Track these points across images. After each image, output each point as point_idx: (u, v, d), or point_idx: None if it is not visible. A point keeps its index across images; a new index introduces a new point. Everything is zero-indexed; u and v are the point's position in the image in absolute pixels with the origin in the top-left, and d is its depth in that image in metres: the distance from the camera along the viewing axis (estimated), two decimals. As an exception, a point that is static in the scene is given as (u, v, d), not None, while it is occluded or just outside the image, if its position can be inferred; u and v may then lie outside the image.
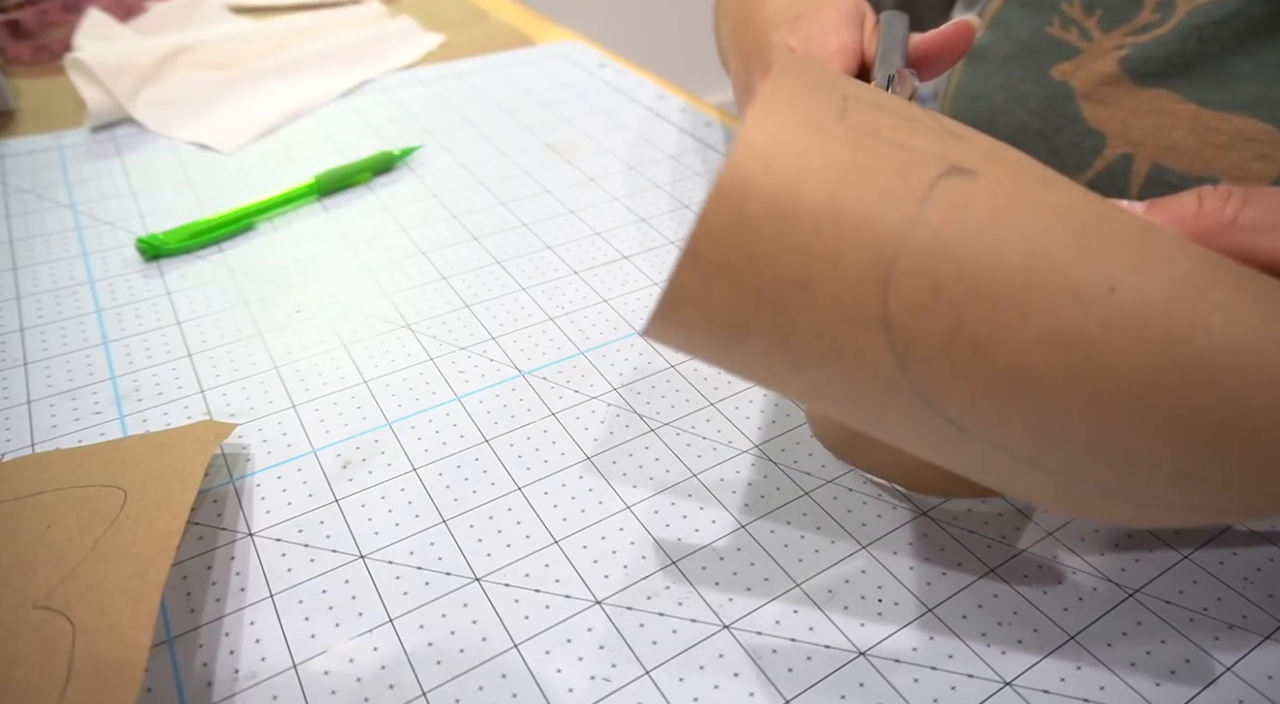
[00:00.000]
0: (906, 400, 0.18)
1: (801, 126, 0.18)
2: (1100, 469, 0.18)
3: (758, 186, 0.17)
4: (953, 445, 0.19)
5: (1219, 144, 0.39)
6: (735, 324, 0.18)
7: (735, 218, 0.17)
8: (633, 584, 0.26)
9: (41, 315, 0.38)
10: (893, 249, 0.17)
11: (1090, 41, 0.44)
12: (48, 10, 0.68)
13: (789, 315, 0.18)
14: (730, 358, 0.19)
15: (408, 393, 0.34)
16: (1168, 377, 0.17)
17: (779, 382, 0.19)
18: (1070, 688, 0.23)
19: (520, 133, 0.54)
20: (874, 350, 0.18)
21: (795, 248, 0.17)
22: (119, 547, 0.24)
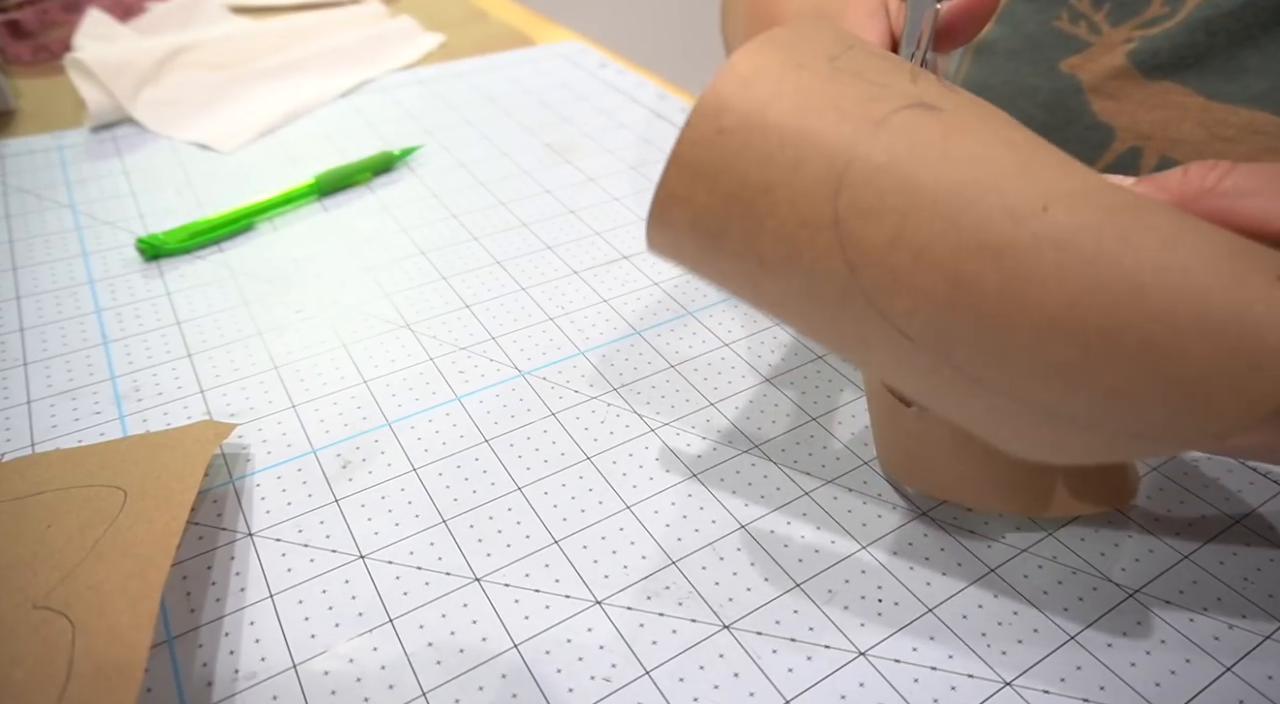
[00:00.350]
0: (860, 307, 0.20)
1: (785, 62, 0.21)
2: (1039, 387, 0.19)
3: (734, 103, 0.20)
4: (906, 359, 0.21)
5: (1228, 137, 0.39)
6: (713, 224, 0.21)
7: (713, 128, 0.20)
8: (633, 584, 0.26)
9: (41, 315, 0.38)
10: (845, 161, 0.19)
11: (1099, 35, 0.44)
12: (48, 10, 0.68)
13: (756, 217, 0.20)
14: (712, 261, 0.21)
15: (408, 393, 0.34)
16: (1094, 290, 0.18)
17: (754, 288, 0.22)
18: (1070, 688, 0.23)
19: (520, 133, 0.54)
20: (828, 252, 0.20)
21: (762, 157, 0.20)
22: (119, 547, 0.24)
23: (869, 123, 0.20)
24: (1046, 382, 0.19)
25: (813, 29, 0.23)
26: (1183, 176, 0.22)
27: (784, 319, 0.22)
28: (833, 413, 0.33)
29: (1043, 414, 0.20)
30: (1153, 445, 0.19)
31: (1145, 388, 0.18)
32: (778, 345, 0.36)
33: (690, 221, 0.21)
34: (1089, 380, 0.19)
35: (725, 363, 0.35)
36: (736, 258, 0.21)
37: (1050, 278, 0.18)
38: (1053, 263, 0.18)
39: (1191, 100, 0.40)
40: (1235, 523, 0.28)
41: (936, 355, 0.20)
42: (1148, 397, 0.18)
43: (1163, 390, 0.18)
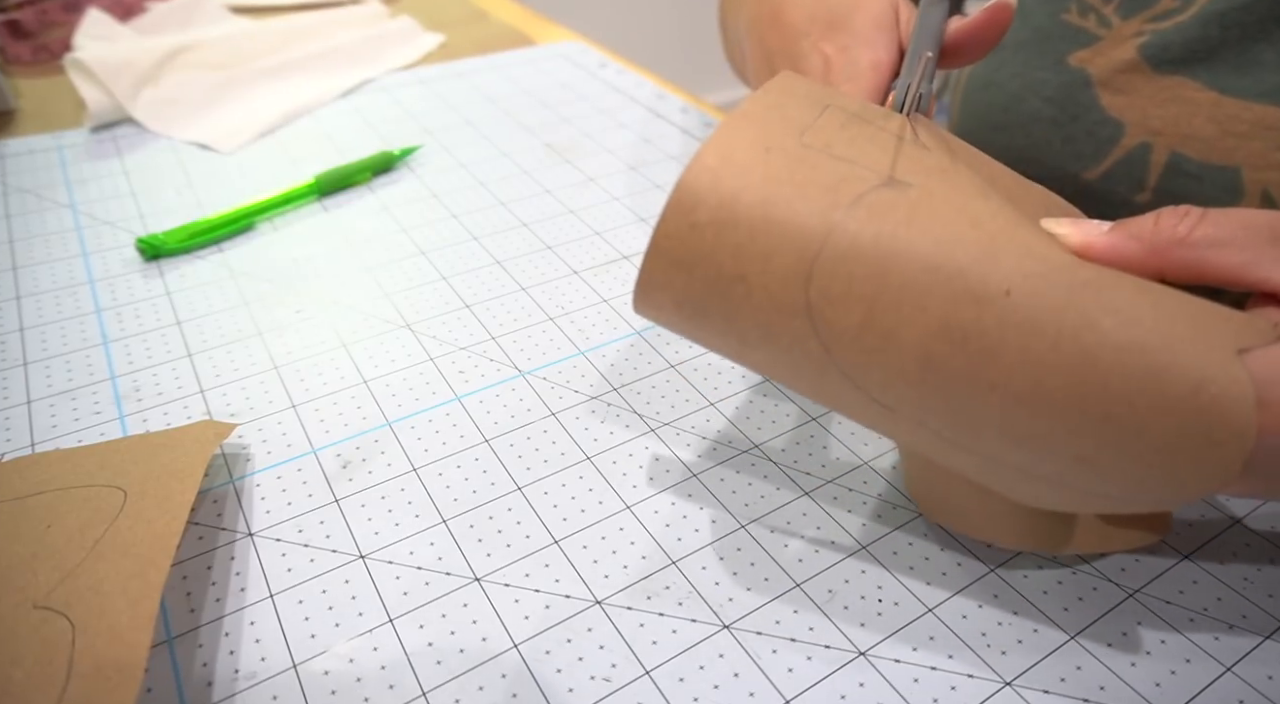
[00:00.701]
0: (836, 380, 0.21)
1: (753, 145, 0.21)
2: (1012, 451, 0.20)
3: (704, 197, 0.21)
4: (888, 422, 0.22)
5: (1239, 132, 0.39)
6: (695, 307, 0.22)
7: (686, 223, 0.21)
8: (633, 584, 0.26)
9: (41, 315, 0.38)
10: (814, 250, 0.20)
11: (1109, 28, 0.43)
12: (48, 10, 0.68)
13: (734, 303, 0.21)
14: (698, 335, 0.23)
15: (408, 393, 0.34)
16: (1056, 370, 0.19)
17: (739, 357, 0.23)
18: (1070, 688, 0.23)
19: (520, 133, 0.54)
20: (802, 336, 0.21)
21: (734, 249, 0.21)
22: (119, 547, 0.24)
23: (836, 210, 0.20)
24: (1018, 448, 0.20)
25: (786, 92, 0.24)
26: (1154, 225, 0.22)
27: (772, 379, 0.24)
28: (833, 413, 0.33)
29: (1019, 473, 0.21)
30: (1127, 505, 0.20)
31: (1110, 459, 0.19)
32: (778, 345, 0.36)
33: (674, 303, 0.22)
34: (1057, 450, 0.20)
35: (725, 363, 0.35)
36: (719, 335, 0.22)
37: (1015, 360, 0.19)
38: (1016, 345, 0.19)
39: (1203, 95, 0.40)
40: (1235, 523, 0.28)
41: (914, 422, 0.21)
42: (1113, 466, 0.19)
43: (1126, 462, 0.19)
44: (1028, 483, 0.21)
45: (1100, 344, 0.19)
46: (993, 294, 0.19)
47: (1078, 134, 0.45)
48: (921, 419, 0.21)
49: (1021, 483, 0.21)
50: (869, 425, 0.23)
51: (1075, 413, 0.19)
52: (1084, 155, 0.45)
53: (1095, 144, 0.45)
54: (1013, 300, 0.19)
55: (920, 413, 0.21)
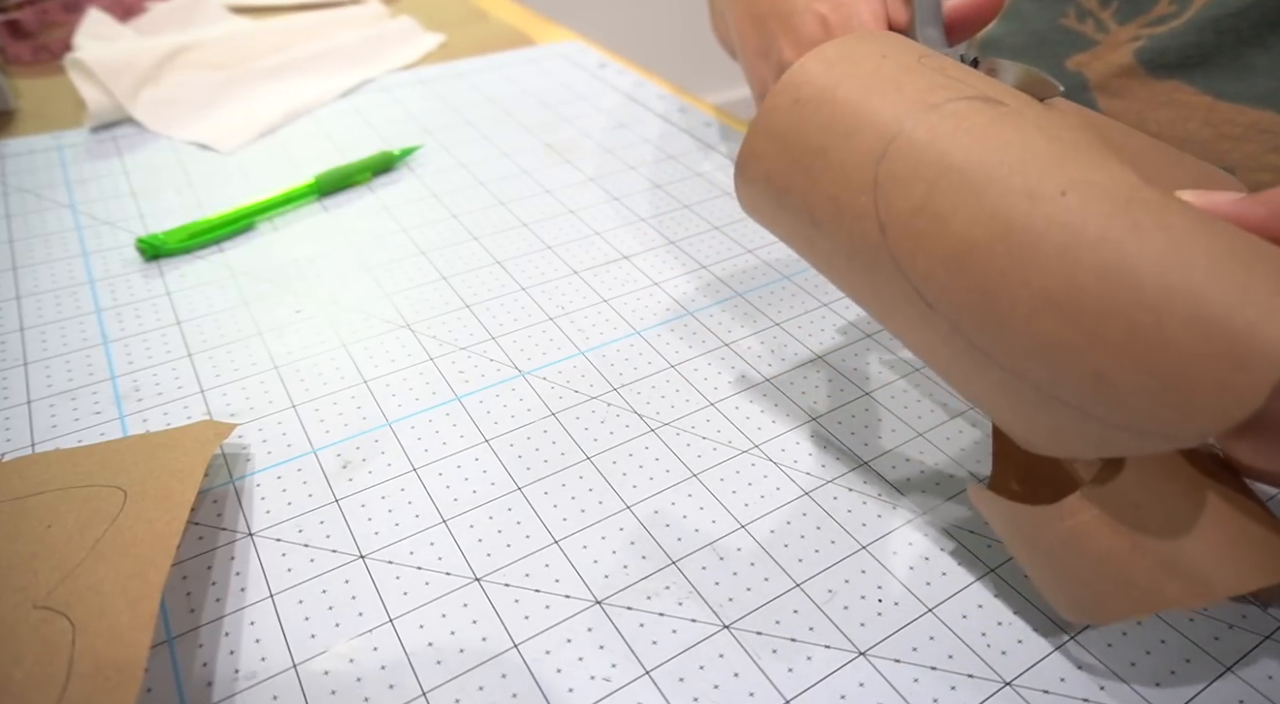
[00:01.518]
0: (889, 269, 0.22)
1: (872, 53, 0.24)
2: (1035, 364, 0.20)
3: (813, 78, 0.24)
4: (927, 326, 0.22)
5: (1234, 136, 0.39)
6: (781, 182, 0.24)
7: (790, 99, 0.24)
8: (633, 584, 0.26)
9: (41, 315, 0.38)
10: (892, 134, 0.22)
11: (1106, 33, 0.44)
12: (48, 10, 0.68)
13: (812, 176, 0.23)
14: (780, 218, 0.25)
15: (408, 393, 0.34)
16: (1091, 271, 0.19)
17: (809, 245, 0.24)
18: (1070, 688, 0.23)
19: (520, 133, 0.54)
20: (864, 213, 0.22)
21: (823, 125, 0.23)
22: (119, 547, 0.24)
23: (923, 106, 0.22)
24: (1040, 358, 0.20)
25: (909, 41, 0.26)
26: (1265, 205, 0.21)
27: (832, 280, 0.25)
28: (833, 413, 0.33)
29: (1040, 396, 0.20)
30: (1140, 440, 0.19)
31: (1129, 377, 0.19)
32: (778, 345, 0.36)
33: (764, 177, 0.24)
34: (1077, 362, 0.19)
35: (725, 363, 0.35)
36: (795, 215, 0.24)
37: (1052, 256, 0.19)
38: (1057, 243, 0.19)
39: (1198, 99, 0.40)
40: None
41: (950, 323, 0.21)
42: (1131, 384, 0.19)
43: (1145, 379, 0.18)
44: (1048, 411, 0.20)
45: (1140, 254, 0.19)
46: (1049, 193, 0.20)
47: None
48: (956, 317, 0.21)
49: (1042, 412, 0.21)
50: (910, 335, 0.23)
51: (1103, 318, 0.19)
52: None
53: None
54: (1066, 201, 0.19)
55: (956, 310, 0.21)
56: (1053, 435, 0.21)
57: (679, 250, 0.43)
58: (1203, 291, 0.18)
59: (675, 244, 0.43)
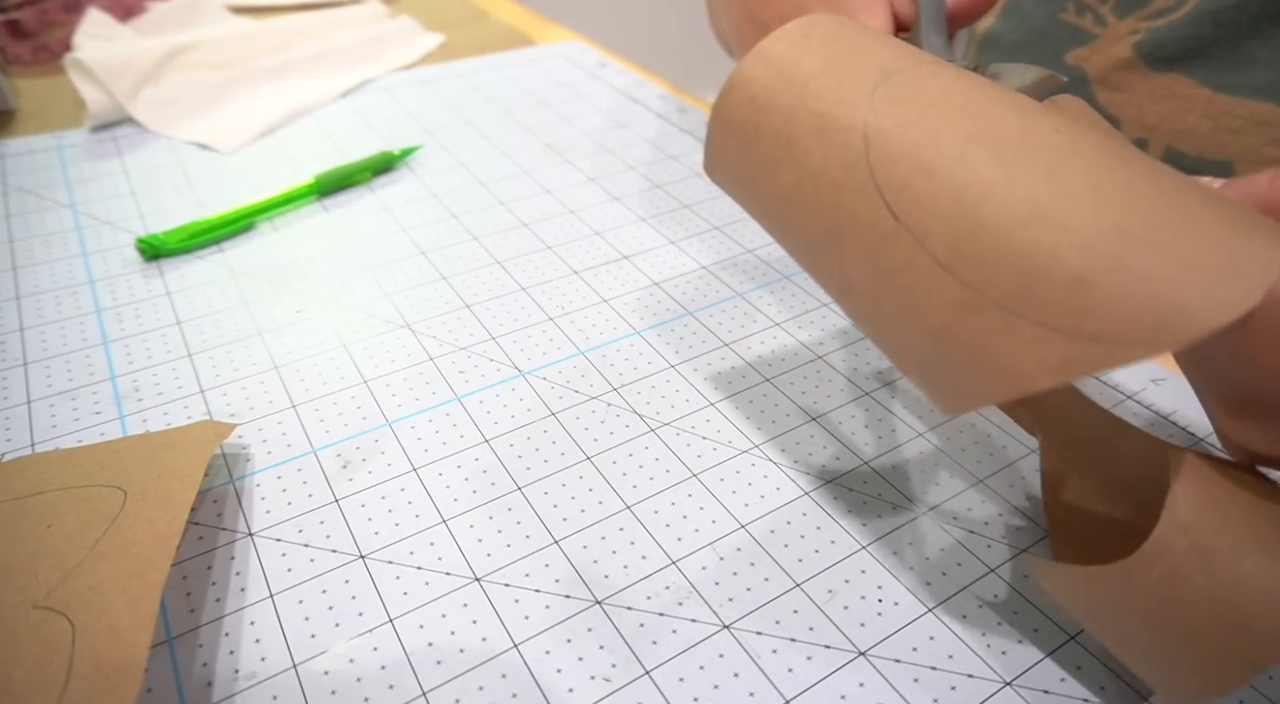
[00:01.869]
0: (861, 180, 0.22)
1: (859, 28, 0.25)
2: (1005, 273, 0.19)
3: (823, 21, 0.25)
4: (883, 247, 0.21)
5: (1234, 128, 0.39)
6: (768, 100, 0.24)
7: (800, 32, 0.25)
8: (633, 584, 0.26)
9: (41, 315, 0.38)
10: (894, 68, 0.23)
11: (1105, 27, 0.44)
12: (48, 10, 0.68)
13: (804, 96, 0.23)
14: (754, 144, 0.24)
15: (408, 393, 0.34)
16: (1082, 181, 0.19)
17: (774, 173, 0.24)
18: (1070, 688, 0.23)
19: (520, 133, 0.54)
20: (851, 126, 0.22)
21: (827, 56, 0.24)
22: (119, 547, 0.24)
23: (928, 59, 0.23)
24: (1014, 265, 0.19)
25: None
26: (1271, 183, 0.21)
27: (785, 219, 0.24)
28: (833, 413, 0.33)
29: (1002, 317, 0.19)
30: (1108, 353, 0.18)
31: (1111, 276, 0.18)
32: (778, 345, 0.36)
33: (748, 100, 0.24)
34: (1056, 266, 0.18)
35: (725, 363, 0.35)
36: (770, 138, 0.24)
37: (1043, 170, 0.19)
38: (1049, 161, 0.20)
39: (1197, 91, 0.41)
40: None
41: (915, 238, 0.21)
42: (1112, 287, 0.18)
43: (1128, 281, 0.18)
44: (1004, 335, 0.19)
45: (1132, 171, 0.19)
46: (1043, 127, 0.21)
47: None
48: (925, 230, 0.20)
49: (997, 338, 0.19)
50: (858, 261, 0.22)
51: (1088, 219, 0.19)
52: None
53: None
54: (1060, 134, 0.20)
55: (927, 221, 0.20)
56: (1007, 361, 0.19)
57: (679, 250, 0.43)
58: (1196, 205, 0.18)
59: (675, 244, 0.43)
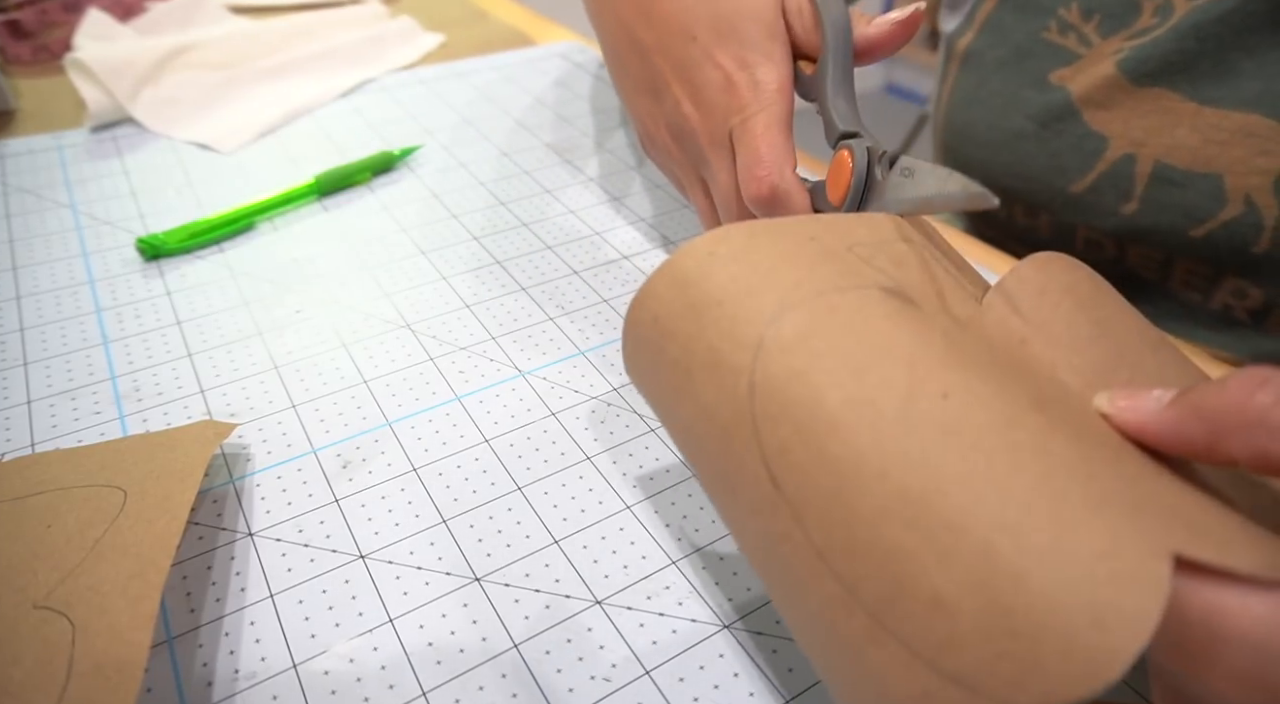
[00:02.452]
0: (746, 434, 0.20)
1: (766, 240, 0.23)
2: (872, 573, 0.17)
3: (735, 236, 0.23)
4: (766, 512, 0.20)
5: (1221, 141, 0.39)
6: (670, 324, 0.22)
7: (706, 250, 0.23)
8: (633, 584, 0.26)
9: (41, 315, 0.38)
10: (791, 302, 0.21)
11: (1090, 47, 0.43)
12: (48, 10, 0.68)
13: (701, 324, 0.22)
14: (655, 366, 0.23)
15: (408, 393, 0.34)
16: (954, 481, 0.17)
17: (676, 401, 0.23)
18: (1070, 688, 0.23)
19: (520, 133, 0.54)
20: (738, 369, 0.21)
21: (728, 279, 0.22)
22: (119, 547, 0.24)
23: (824, 282, 0.21)
24: (879, 567, 0.17)
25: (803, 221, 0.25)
26: (1219, 396, 0.17)
27: (688, 454, 0.23)
28: (833, 413, 0.33)
29: (870, 625, 0.17)
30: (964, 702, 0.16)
31: (970, 603, 0.16)
32: (778, 345, 0.36)
33: (652, 319, 0.23)
34: (918, 577, 0.16)
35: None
36: (671, 366, 0.22)
37: (916, 454, 0.17)
38: (925, 441, 0.18)
39: (1183, 105, 0.40)
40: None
41: (792, 512, 0.19)
42: (971, 616, 0.16)
43: (988, 615, 0.15)
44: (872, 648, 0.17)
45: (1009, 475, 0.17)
46: (930, 391, 0.19)
47: (1062, 149, 0.45)
48: (801, 503, 0.19)
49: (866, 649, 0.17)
50: (746, 528, 0.21)
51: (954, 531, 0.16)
52: (1069, 169, 0.45)
53: (1080, 158, 0.45)
54: (946, 404, 0.18)
55: (802, 493, 0.19)
56: (877, 680, 0.17)
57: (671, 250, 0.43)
58: (1072, 528, 0.16)
59: (675, 244, 0.43)
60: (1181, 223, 0.42)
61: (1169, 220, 0.42)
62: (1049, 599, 0.15)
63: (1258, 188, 0.39)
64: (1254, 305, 0.42)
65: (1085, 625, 0.15)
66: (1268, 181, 0.38)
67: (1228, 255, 0.41)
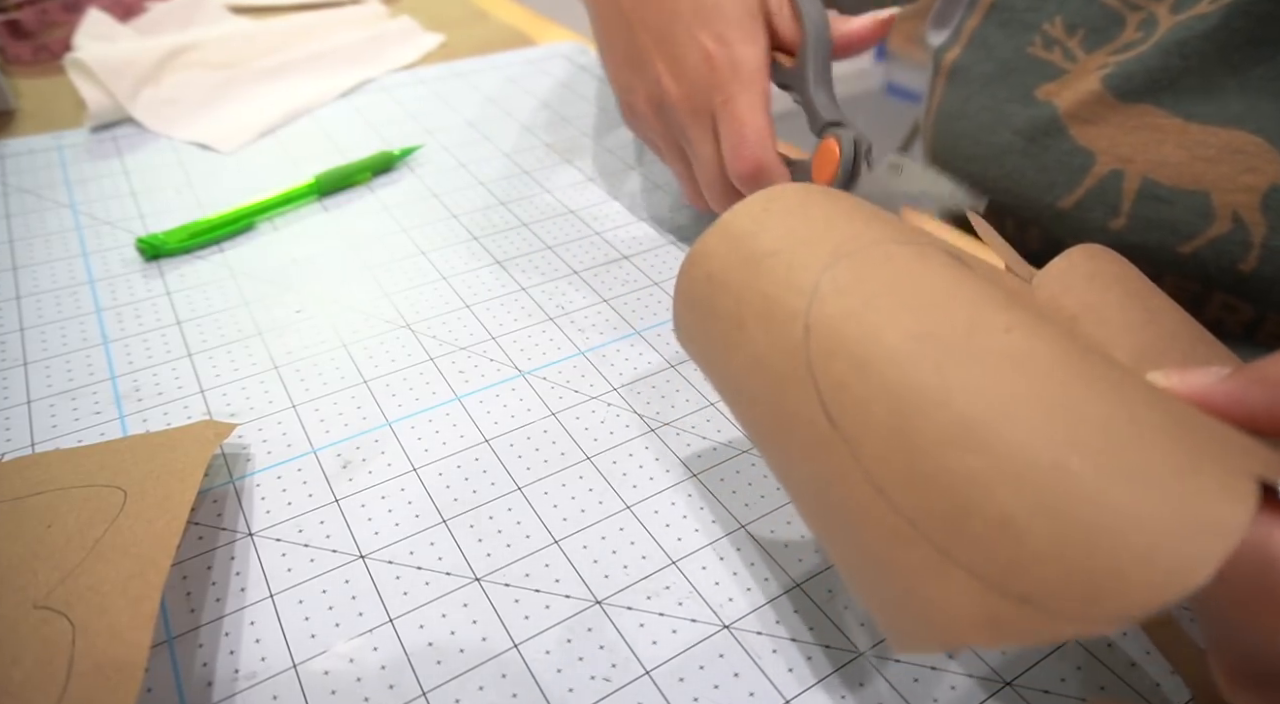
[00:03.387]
0: (801, 374, 0.20)
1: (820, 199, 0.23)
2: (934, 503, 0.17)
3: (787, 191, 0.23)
4: (821, 453, 0.19)
5: (1208, 157, 0.39)
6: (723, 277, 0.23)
7: (760, 207, 0.23)
8: (633, 584, 0.26)
9: (41, 315, 0.38)
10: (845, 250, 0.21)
11: (1074, 62, 0.43)
12: (48, 10, 0.68)
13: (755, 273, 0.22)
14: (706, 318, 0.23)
15: (408, 393, 0.34)
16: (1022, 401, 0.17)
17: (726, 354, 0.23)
18: (1070, 688, 0.24)
19: (520, 133, 0.54)
20: (794, 314, 0.20)
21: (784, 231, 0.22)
22: (119, 547, 0.24)
23: (890, 234, 0.21)
24: (943, 495, 0.17)
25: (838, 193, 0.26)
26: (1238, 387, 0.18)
27: (739, 406, 0.23)
28: (833, 413, 0.33)
29: (933, 555, 0.17)
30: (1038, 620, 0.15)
31: (1042, 523, 0.15)
32: (778, 345, 0.36)
33: (706, 276, 0.23)
34: (984, 501, 0.16)
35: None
36: (724, 319, 0.22)
37: (981, 380, 0.17)
38: (991, 369, 0.17)
39: (1169, 121, 0.40)
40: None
41: (848, 450, 0.19)
42: (1043, 536, 0.15)
43: (1062, 530, 0.15)
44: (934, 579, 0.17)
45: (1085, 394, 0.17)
46: (993, 326, 0.18)
47: (1050, 164, 0.45)
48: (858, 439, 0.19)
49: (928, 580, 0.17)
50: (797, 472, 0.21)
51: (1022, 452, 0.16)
52: (1057, 184, 0.45)
53: (1068, 173, 0.45)
54: (1010, 337, 0.18)
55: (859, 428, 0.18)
56: (940, 610, 0.17)
57: (679, 250, 0.43)
58: (1150, 447, 0.15)
59: (675, 244, 0.43)
60: (1169, 239, 0.42)
61: (1157, 237, 0.42)
62: (1129, 513, 0.15)
63: (1245, 205, 0.39)
64: (1245, 319, 0.42)
65: (1168, 536, 0.14)
66: (1255, 199, 0.38)
67: (1216, 273, 0.41)
